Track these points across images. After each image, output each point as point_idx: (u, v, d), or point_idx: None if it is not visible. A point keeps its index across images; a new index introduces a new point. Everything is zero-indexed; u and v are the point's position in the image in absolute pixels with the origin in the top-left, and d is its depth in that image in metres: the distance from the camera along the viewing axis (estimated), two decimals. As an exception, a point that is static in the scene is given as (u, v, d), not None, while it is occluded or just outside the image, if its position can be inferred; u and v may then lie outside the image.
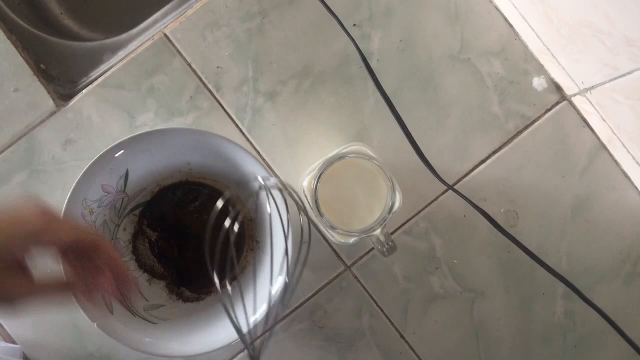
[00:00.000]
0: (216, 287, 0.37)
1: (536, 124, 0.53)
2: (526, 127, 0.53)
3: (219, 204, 0.39)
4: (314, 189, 0.44)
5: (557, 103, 0.53)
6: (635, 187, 0.53)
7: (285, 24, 0.52)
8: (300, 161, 0.52)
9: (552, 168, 0.53)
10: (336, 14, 0.50)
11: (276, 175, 0.52)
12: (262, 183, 0.41)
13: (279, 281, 0.45)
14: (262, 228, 0.49)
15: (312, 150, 0.52)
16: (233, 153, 0.45)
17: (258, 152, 0.52)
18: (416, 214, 0.53)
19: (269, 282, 0.46)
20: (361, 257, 0.53)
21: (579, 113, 0.53)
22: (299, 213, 0.40)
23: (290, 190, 0.40)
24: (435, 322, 0.53)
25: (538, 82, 0.53)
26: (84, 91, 0.52)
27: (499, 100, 0.53)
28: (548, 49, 0.50)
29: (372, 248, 0.52)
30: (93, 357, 0.51)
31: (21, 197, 0.51)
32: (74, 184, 0.44)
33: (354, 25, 0.52)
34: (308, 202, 0.46)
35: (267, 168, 0.48)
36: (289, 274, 0.44)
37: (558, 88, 0.53)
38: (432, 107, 0.52)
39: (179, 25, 0.52)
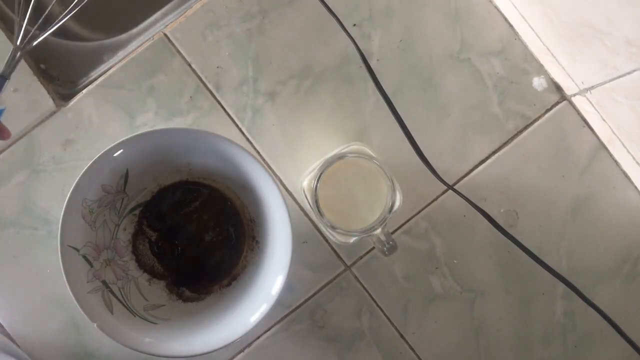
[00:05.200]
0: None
1: (536, 124, 0.53)
2: (526, 127, 0.53)
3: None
4: (314, 189, 0.44)
5: (557, 103, 0.53)
6: (635, 187, 0.53)
7: (285, 24, 0.52)
8: (300, 161, 0.52)
9: (552, 168, 0.53)
10: (336, 14, 0.50)
11: (276, 175, 0.52)
12: None
13: (279, 281, 0.45)
14: (262, 228, 0.49)
15: (312, 150, 0.52)
16: (233, 153, 0.45)
17: (258, 152, 0.52)
18: (416, 214, 0.53)
19: (269, 282, 0.46)
20: (361, 257, 0.53)
21: (579, 113, 0.53)
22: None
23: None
24: (435, 322, 0.53)
25: (538, 82, 0.53)
26: (84, 91, 0.52)
27: (499, 100, 0.53)
28: (548, 49, 0.50)
29: (372, 248, 0.52)
30: (93, 357, 0.51)
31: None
32: (74, 184, 0.44)
33: (354, 25, 0.52)
34: (308, 202, 0.46)
35: (267, 168, 0.48)
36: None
37: (558, 88, 0.53)
38: (432, 107, 0.53)
39: (179, 25, 0.52)
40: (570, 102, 0.53)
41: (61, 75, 0.56)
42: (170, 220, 0.51)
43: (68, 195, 0.44)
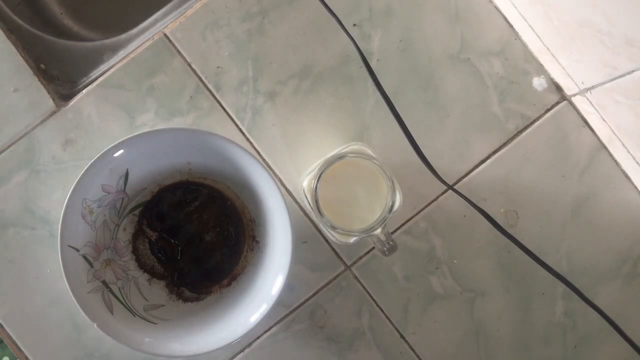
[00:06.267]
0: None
1: (536, 124, 0.53)
2: (526, 127, 0.53)
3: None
4: (314, 189, 0.44)
5: (557, 103, 0.53)
6: (635, 187, 0.53)
7: (285, 24, 0.52)
8: (300, 161, 0.52)
9: (552, 168, 0.53)
10: (336, 14, 0.50)
11: (276, 175, 0.52)
12: None
13: (279, 281, 0.45)
14: (262, 228, 0.49)
15: (312, 150, 0.52)
16: (233, 153, 0.45)
17: (258, 152, 0.52)
18: (416, 214, 0.53)
19: (269, 282, 0.46)
20: (361, 257, 0.53)
21: (579, 113, 0.53)
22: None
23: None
24: (435, 322, 0.53)
25: (538, 82, 0.53)
26: (84, 91, 0.52)
27: (499, 100, 0.53)
28: (548, 49, 0.50)
29: (372, 248, 0.52)
30: (93, 357, 0.51)
31: None
32: (74, 184, 0.44)
33: (354, 25, 0.52)
34: (308, 202, 0.46)
35: (267, 168, 0.48)
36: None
37: (558, 88, 0.53)
38: (432, 107, 0.53)
39: (179, 25, 0.52)
40: (570, 102, 0.53)
41: (61, 75, 0.56)
42: (170, 220, 0.51)
43: (68, 195, 0.44)
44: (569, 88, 0.52)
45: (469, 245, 0.53)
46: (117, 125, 0.51)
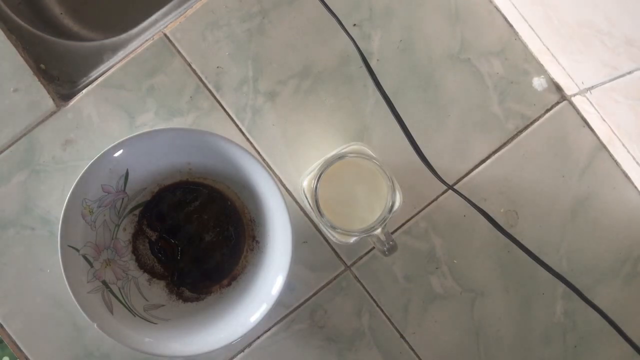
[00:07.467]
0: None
1: (536, 124, 0.53)
2: (526, 127, 0.53)
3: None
4: (314, 189, 0.44)
5: (557, 103, 0.53)
6: (635, 187, 0.53)
7: (285, 24, 0.52)
8: (300, 161, 0.52)
9: (552, 168, 0.53)
10: (336, 14, 0.50)
11: (276, 175, 0.52)
12: None
13: (279, 281, 0.45)
14: (262, 228, 0.49)
15: (312, 150, 0.52)
16: (233, 153, 0.45)
17: (258, 152, 0.52)
18: (416, 214, 0.53)
19: (269, 282, 0.46)
20: (361, 257, 0.53)
21: (579, 113, 0.53)
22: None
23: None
24: (435, 322, 0.53)
25: (538, 82, 0.53)
26: (84, 91, 0.52)
27: (499, 100, 0.53)
28: (548, 49, 0.50)
29: (372, 248, 0.52)
30: (93, 357, 0.51)
31: None
32: (74, 184, 0.44)
33: (354, 25, 0.52)
34: (308, 202, 0.46)
35: (267, 168, 0.48)
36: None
37: (558, 88, 0.53)
38: (432, 107, 0.53)
39: (179, 25, 0.52)
40: (570, 102, 0.53)
41: (61, 75, 0.56)
42: (170, 220, 0.51)
43: (68, 195, 0.44)
44: (569, 88, 0.52)
45: (469, 245, 0.53)
46: (117, 125, 0.51)
